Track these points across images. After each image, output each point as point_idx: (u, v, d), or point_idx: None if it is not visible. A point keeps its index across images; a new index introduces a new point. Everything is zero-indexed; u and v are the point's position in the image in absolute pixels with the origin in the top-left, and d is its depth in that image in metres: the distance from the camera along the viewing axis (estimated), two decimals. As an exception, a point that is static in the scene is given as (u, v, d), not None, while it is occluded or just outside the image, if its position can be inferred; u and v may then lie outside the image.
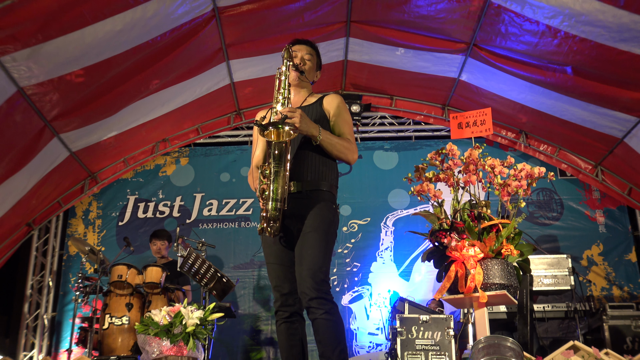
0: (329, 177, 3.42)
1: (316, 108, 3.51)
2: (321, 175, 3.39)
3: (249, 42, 6.90)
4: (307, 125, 3.21)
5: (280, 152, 3.13)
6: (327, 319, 3.14)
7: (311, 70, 3.63)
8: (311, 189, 3.34)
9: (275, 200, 3.16)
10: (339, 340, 3.16)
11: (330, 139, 3.34)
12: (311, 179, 3.35)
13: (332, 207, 3.39)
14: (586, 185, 8.43)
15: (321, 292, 3.16)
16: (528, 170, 3.48)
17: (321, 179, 3.38)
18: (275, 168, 3.15)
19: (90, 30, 5.41)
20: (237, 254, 8.39)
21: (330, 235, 3.34)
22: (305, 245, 3.25)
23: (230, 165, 8.83)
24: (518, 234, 3.36)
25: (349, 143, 3.43)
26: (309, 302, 3.16)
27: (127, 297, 6.34)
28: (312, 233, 3.26)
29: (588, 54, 5.96)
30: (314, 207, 3.31)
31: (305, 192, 3.33)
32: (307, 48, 3.64)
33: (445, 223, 3.41)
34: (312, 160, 3.38)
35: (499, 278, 3.20)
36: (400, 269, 8.25)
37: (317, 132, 3.26)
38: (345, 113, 3.54)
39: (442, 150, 3.66)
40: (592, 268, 8.09)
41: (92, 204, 8.66)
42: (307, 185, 3.34)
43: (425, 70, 7.57)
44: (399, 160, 8.80)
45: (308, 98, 3.59)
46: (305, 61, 3.59)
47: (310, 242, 3.25)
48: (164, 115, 7.61)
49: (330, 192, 3.41)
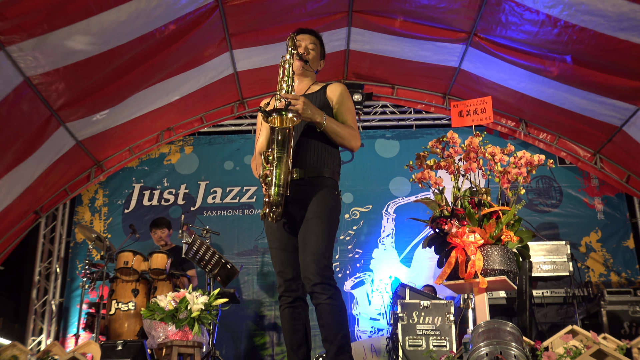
0: (331, 163, 3.43)
1: (320, 96, 3.51)
2: (324, 161, 3.39)
3: (252, 32, 6.88)
4: (312, 111, 3.21)
5: (283, 138, 3.13)
6: (331, 303, 3.15)
7: (315, 60, 3.62)
8: (314, 175, 3.35)
9: (278, 185, 3.16)
10: (342, 324, 3.18)
11: (334, 126, 3.34)
12: (314, 165, 3.36)
13: (334, 193, 3.40)
14: (585, 173, 8.42)
15: (325, 277, 3.17)
16: (528, 158, 3.48)
17: (324, 166, 3.38)
18: (278, 154, 3.15)
19: (96, 19, 5.40)
20: (240, 241, 8.41)
21: (333, 221, 3.35)
22: (309, 232, 3.26)
23: (233, 153, 8.83)
24: (518, 221, 3.36)
25: (352, 130, 3.44)
26: (313, 288, 3.17)
27: (133, 283, 6.37)
28: (315, 219, 3.27)
29: (587, 43, 5.93)
30: (316, 194, 3.31)
31: (308, 179, 3.33)
32: (311, 37, 3.63)
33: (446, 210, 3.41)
34: (315, 147, 3.38)
35: (498, 264, 3.21)
36: (401, 255, 8.27)
37: (321, 119, 3.26)
38: (348, 101, 3.54)
39: (443, 138, 3.66)
40: (591, 254, 8.11)
41: (98, 192, 8.68)
42: (309, 171, 3.34)
43: (427, 60, 7.54)
44: (400, 149, 8.79)
45: (312, 86, 3.59)
46: (309, 50, 3.57)
47: (314, 229, 3.26)
48: (169, 105, 7.61)
49: (333, 178, 3.42)
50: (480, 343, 2.92)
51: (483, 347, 2.90)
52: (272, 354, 7.87)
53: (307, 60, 3.52)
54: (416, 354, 5.11)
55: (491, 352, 2.85)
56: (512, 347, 2.86)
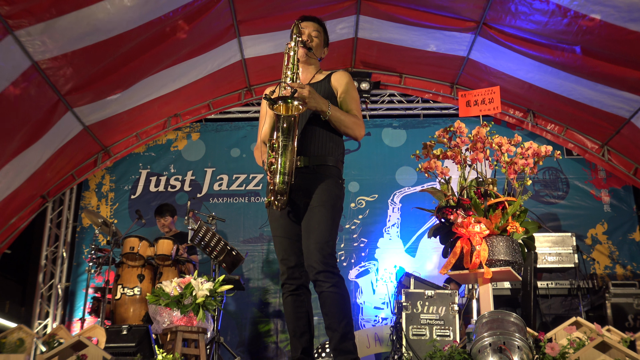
0: (335, 152, 3.43)
1: (324, 85, 3.51)
2: (328, 150, 3.39)
3: (260, 19, 6.86)
4: (316, 100, 3.21)
5: (289, 126, 3.13)
6: (334, 291, 3.16)
7: (319, 47, 3.61)
8: (318, 163, 3.35)
9: (284, 174, 3.17)
10: (345, 312, 3.19)
11: (338, 115, 3.35)
12: (318, 153, 3.36)
13: (338, 181, 3.41)
14: (592, 165, 8.39)
15: (328, 265, 3.18)
16: (535, 148, 3.47)
17: (328, 154, 3.39)
18: (283, 142, 3.15)
19: (103, 5, 5.39)
20: (246, 228, 8.43)
21: (336, 210, 3.36)
22: (313, 220, 3.27)
23: (240, 140, 8.83)
24: (523, 212, 3.36)
25: (357, 119, 3.44)
26: (316, 276, 3.18)
27: (138, 269, 6.41)
28: (319, 208, 3.28)
29: (597, 34, 5.89)
30: (320, 182, 3.32)
31: (312, 167, 3.34)
32: (314, 25, 3.62)
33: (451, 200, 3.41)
34: (319, 136, 3.39)
35: (503, 255, 3.21)
36: (406, 245, 8.27)
37: (326, 107, 3.26)
38: (352, 90, 3.54)
39: (450, 128, 3.65)
40: (596, 247, 8.09)
41: (105, 177, 8.70)
42: (313, 160, 3.34)
43: (435, 49, 7.50)
44: (407, 138, 8.78)
45: (316, 75, 3.58)
46: (313, 38, 3.56)
47: (318, 217, 3.26)
48: (176, 91, 7.60)
49: (337, 167, 3.43)
50: (484, 333, 2.93)
51: (487, 337, 2.90)
52: (277, 340, 7.91)
53: (310, 48, 3.51)
54: (420, 343, 5.12)
55: (494, 343, 2.86)
56: (515, 337, 2.86)
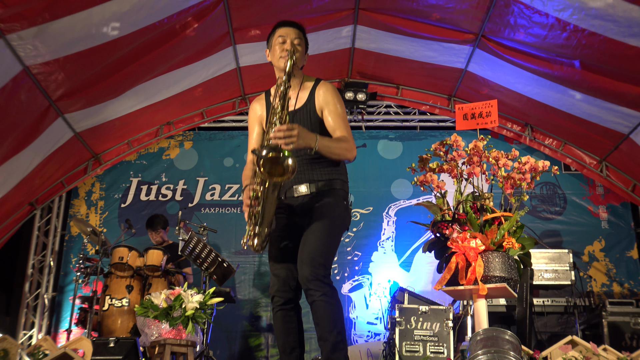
0: (339, 175, 3.45)
1: (309, 108, 3.43)
2: (332, 174, 3.41)
3: (256, 27, 6.87)
4: (304, 139, 3.09)
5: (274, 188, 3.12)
6: (325, 300, 3.14)
7: (301, 56, 3.45)
8: (324, 189, 3.37)
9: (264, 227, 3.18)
10: (336, 322, 3.16)
11: (327, 145, 3.24)
12: (324, 179, 3.38)
13: (343, 202, 3.42)
14: (590, 181, 8.42)
15: (319, 275, 3.16)
16: (532, 163, 3.48)
17: (333, 179, 3.41)
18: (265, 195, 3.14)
19: (98, 10, 5.39)
20: (238, 240, 8.38)
21: (336, 226, 3.36)
22: (309, 232, 3.27)
23: (234, 150, 8.82)
24: (520, 228, 3.36)
25: (346, 142, 3.35)
26: (307, 284, 3.16)
27: (127, 279, 6.37)
28: (317, 221, 3.28)
29: (597, 48, 5.93)
30: (326, 202, 3.34)
31: (317, 193, 3.36)
32: (295, 31, 3.44)
33: (447, 214, 3.41)
34: (322, 162, 3.37)
35: (499, 271, 3.21)
36: (401, 259, 8.26)
37: (313, 143, 3.15)
38: (339, 107, 3.43)
39: (447, 141, 3.66)
40: (593, 264, 8.10)
41: (95, 185, 8.67)
42: (320, 186, 3.36)
43: (432, 60, 7.53)
44: (403, 150, 8.79)
45: (300, 93, 3.44)
46: (296, 47, 3.39)
47: (314, 228, 3.27)
48: (169, 98, 7.60)
49: (343, 189, 3.46)
50: (478, 351, 2.92)
51: (481, 355, 2.89)
52: (267, 355, 7.87)
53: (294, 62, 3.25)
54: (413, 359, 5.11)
55: (489, 361, 2.85)
56: (510, 356, 2.85)
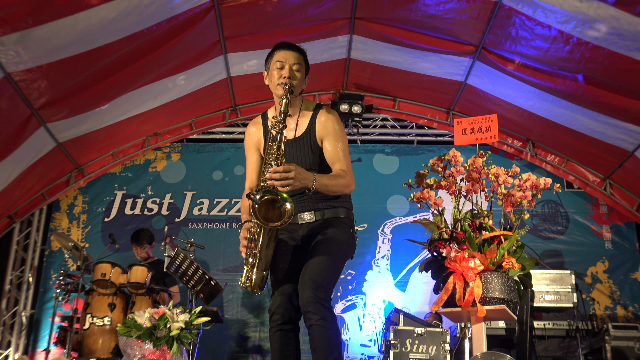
0: (344, 203, 3.49)
1: (308, 139, 3.46)
2: (337, 202, 3.45)
3: (248, 35, 6.90)
4: (302, 180, 3.14)
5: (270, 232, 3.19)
6: (323, 325, 3.14)
7: (301, 82, 3.44)
8: (329, 217, 3.42)
9: (262, 270, 3.25)
10: (333, 347, 3.16)
11: (324, 183, 3.26)
12: (328, 207, 3.43)
13: (348, 230, 3.44)
14: (593, 199, 8.45)
15: (319, 298, 3.17)
16: (533, 180, 3.49)
17: (338, 207, 3.45)
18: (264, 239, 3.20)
19: (84, 15, 5.40)
20: (227, 256, 8.38)
21: (341, 251, 3.37)
22: (313, 255, 3.30)
23: (223, 163, 8.83)
24: (520, 247, 3.37)
25: (344, 178, 3.35)
26: (307, 307, 3.17)
27: (110, 297, 6.34)
28: (322, 244, 3.32)
29: (601, 62, 5.97)
30: (331, 228, 3.38)
31: (324, 220, 3.41)
32: (294, 55, 3.43)
33: (445, 232, 3.42)
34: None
35: (498, 292, 3.21)
36: (396, 278, 8.26)
37: (311, 184, 3.18)
38: (340, 137, 3.45)
39: (445, 156, 3.67)
40: (596, 286, 8.11)
41: (77, 198, 8.65)
42: (325, 214, 3.42)
43: (431, 72, 7.58)
44: (399, 165, 8.81)
45: (300, 120, 3.46)
46: (295, 73, 3.38)
47: (318, 252, 3.30)
48: (157, 108, 7.61)
49: (348, 217, 3.48)
50: (476, 375, 2.92)
51: (479, 379, 2.90)
52: (255, 378, 7.84)
53: (292, 90, 3.30)
54: (408, 384, 5.10)
55: (487, 386, 2.85)
56: (509, 380, 2.86)
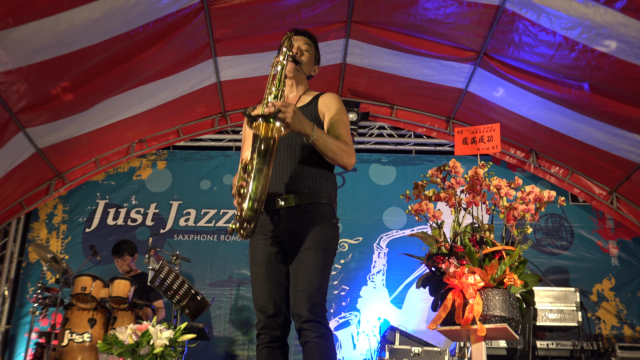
0: (327, 188, 3.43)
1: (311, 109, 3.51)
2: (319, 186, 3.39)
3: (239, 39, 6.90)
4: (300, 122, 3.17)
5: (266, 149, 3.10)
6: (319, 342, 3.13)
7: (309, 63, 3.63)
8: (309, 202, 3.34)
9: (253, 200, 3.12)
10: (330, 366, 3.15)
11: (324, 138, 3.30)
12: (309, 190, 3.35)
13: (332, 221, 3.40)
14: (599, 213, 8.46)
15: (316, 315, 3.16)
16: (537, 193, 3.48)
17: (320, 191, 3.38)
18: (258, 165, 3.12)
19: (66, 16, 5.39)
20: (214, 270, 8.35)
21: (329, 253, 3.34)
22: (303, 264, 3.25)
23: (212, 172, 8.81)
24: (523, 263, 3.35)
25: (346, 145, 3.40)
26: (302, 324, 3.15)
27: (90, 312, 6.31)
28: (311, 251, 3.26)
29: (607, 70, 5.98)
30: (312, 222, 3.31)
31: (303, 206, 3.33)
32: (304, 38, 3.63)
33: (443, 247, 3.40)
34: (309, 171, 3.38)
35: (499, 310, 3.20)
36: (392, 295, 8.24)
37: (310, 130, 3.21)
38: (342, 114, 3.53)
39: (445, 166, 3.66)
40: (603, 304, 8.11)
41: (57, 207, 8.61)
42: (305, 198, 3.33)
43: (430, 79, 7.59)
44: (396, 176, 8.81)
45: (302, 96, 3.59)
46: (303, 51, 3.58)
47: (308, 261, 3.25)
48: (142, 114, 7.59)
49: (330, 204, 3.43)
50: (476, 398, 2.90)
51: (478, 402, 2.87)
52: (243, 398, 7.80)
53: (299, 62, 3.52)
54: (404, 406, 5.07)
55: (487, 409, 2.83)
56: (511, 404, 2.84)
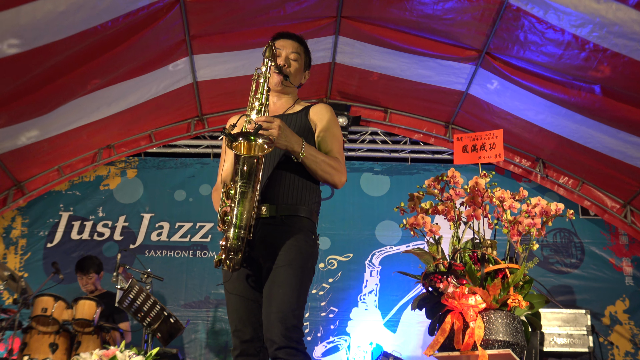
0: (309, 200, 3.41)
1: (301, 118, 3.51)
2: (300, 198, 3.37)
3: (218, 35, 6.90)
4: (287, 138, 3.18)
5: (249, 170, 3.09)
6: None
7: (298, 72, 3.62)
8: (287, 214, 3.32)
9: (239, 227, 3.12)
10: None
11: (315, 155, 3.32)
12: (288, 202, 3.34)
13: (310, 237, 3.38)
14: (612, 228, 8.50)
15: (291, 340, 3.13)
16: (543, 206, 3.50)
17: (300, 203, 3.37)
18: (242, 188, 3.11)
19: (27, 9, 5.37)
20: (189, 290, 8.33)
21: (306, 271, 3.32)
22: (276, 283, 3.22)
23: (187, 181, 8.80)
24: (528, 282, 3.37)
25: (337, 162, 3.42)
26: (276, 352, 3.13)
27: (51, 336, 6.28)
28: (286, 268, 3.24)
29: (620, 72, 6.02)
30: (289, 237, 3.29)
31: (280, 218, 3.31)
32: (293, 44, 3.63)
33: (442, 264, 3.41)
34: (291, 181, 3.37)
35: (503, 334, 3.21)
36: (385, 317, 8.24)
37: (299, 147, 3.23)
38: (335, 127, 3.55)
39: (443, 176, 3.68)
40: (616, 328, 8.13)
41: (15, 219, 8.57)
42: (282, 209, 3.32)
43: (428, 80, 7.61)
44: (390, 186, 8.83)
45: (292, 106, 3.60)
46: (291, 61, 3.58)
47: (282, 279, 3.22)
48: (111, 117, 7.57)
49: (310, 219, 3.40)
50: None
51: None
52: None
53: (287, 75, 3.51)
54: None
55: None
56: None
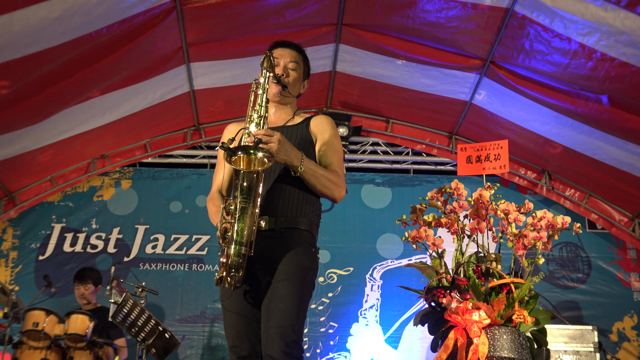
0: (309, 213, 3.42)
1: (301, 130, 3.52)
2: (300, 210, 3.38)
3: (216, 42, 6.92)
4: (287, 152, 3.18)
5: (249, 185, 3.10)
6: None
7: (296, 82, 3.63)
8: (287, 226, 3.33)
9: (240, 243, 3.12)
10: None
11: (314, 170, 3.32)
12: (287, 215, 3.34)
13: (310, 250, 3.38)
14: (620, 242, 8.49)
15: (291, 356, 3.13)
16: (549, 219, 3.51)
17: (300, 215, 3.37)
18: (242, 204, 3.11)
19: (21, 14, 5.37)
20: (184, 304, 8.32)
21: (306, 285, 3.32)
22: (276, 297, 3.22)
23: (183, 192, 8.80)
24: (534, 298, 3.37)
25: (337, 177, 3.43)
26: None
27: (42, 351, 6.26)
28: (285, 282, 3.24)
29: (629, 82, 6.02)
30: (288, 250, 3.29)
31: (279, 231, 3.32)
32: (292, 53, 3.64)
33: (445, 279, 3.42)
34: (291, 193, 3.37)
35: (507, 351, 3.21)
36: (387, 333, 8.23)
37: (298, 162, 3.23)
38: (336, 140, 3.56)
39: (446, 188, 3.69)
40: (624, 345, 8.12)
41: (6, 231, 8.56)
42: (282, 222, 3.32)
43: (431, 90, 7.62)
44: (392, 198, 8.83)
45: (292, 117, 3.61)
46: (289, 71, 3.59)
47: (282, 294, 3.22)
48: (105, 126, 7.58)
49: (310, 232, 3.41)
50: None
51: None
52: None
53: (285, 85, 3.52)
54: None
55: None
56: None
